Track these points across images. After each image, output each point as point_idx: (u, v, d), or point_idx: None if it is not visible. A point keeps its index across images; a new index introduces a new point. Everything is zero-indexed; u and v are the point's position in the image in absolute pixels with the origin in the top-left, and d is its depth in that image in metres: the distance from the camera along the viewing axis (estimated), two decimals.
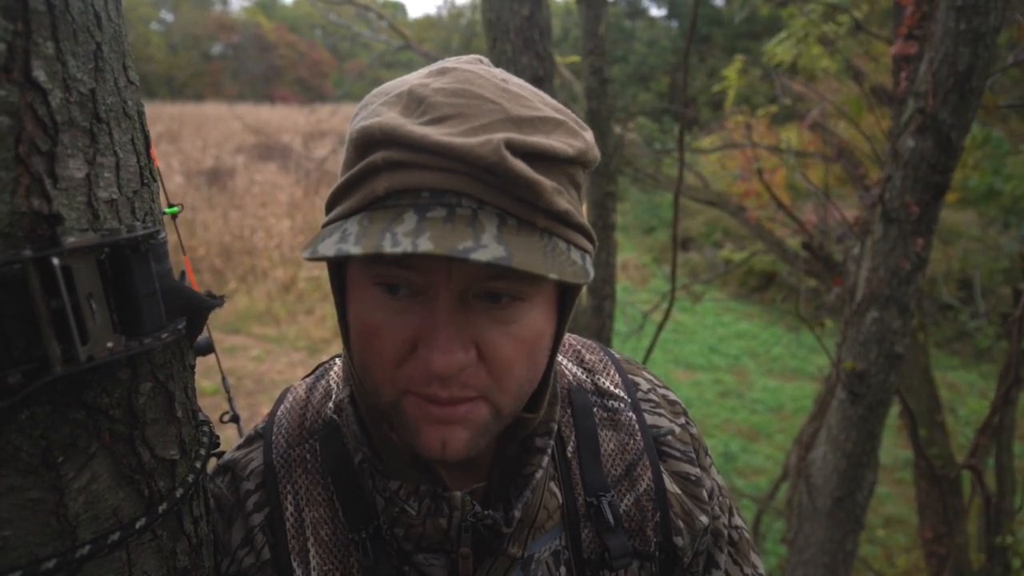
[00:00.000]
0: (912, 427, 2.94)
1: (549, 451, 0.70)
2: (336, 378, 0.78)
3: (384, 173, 0.55)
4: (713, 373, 8.68)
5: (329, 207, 0.61)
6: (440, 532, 0.66)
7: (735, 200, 5.73)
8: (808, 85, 5.33)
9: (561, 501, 0.73)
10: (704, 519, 0.78)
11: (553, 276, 0.52)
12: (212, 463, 0.78)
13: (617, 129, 4.63)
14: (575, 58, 5.54)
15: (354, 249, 0.51)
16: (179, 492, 0.60)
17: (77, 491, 0.52)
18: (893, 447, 6.45)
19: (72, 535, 0.52)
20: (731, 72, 5.42)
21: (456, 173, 0.54)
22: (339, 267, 0.65)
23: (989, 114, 1.98)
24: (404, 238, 0.51)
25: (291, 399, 0.78)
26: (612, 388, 0.81)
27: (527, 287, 0.59)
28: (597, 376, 0.82)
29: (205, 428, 0.68)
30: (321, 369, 0.82)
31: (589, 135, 0.62)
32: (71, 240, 0.48)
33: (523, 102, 0.59)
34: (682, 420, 0.82)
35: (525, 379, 0.62)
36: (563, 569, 0.72)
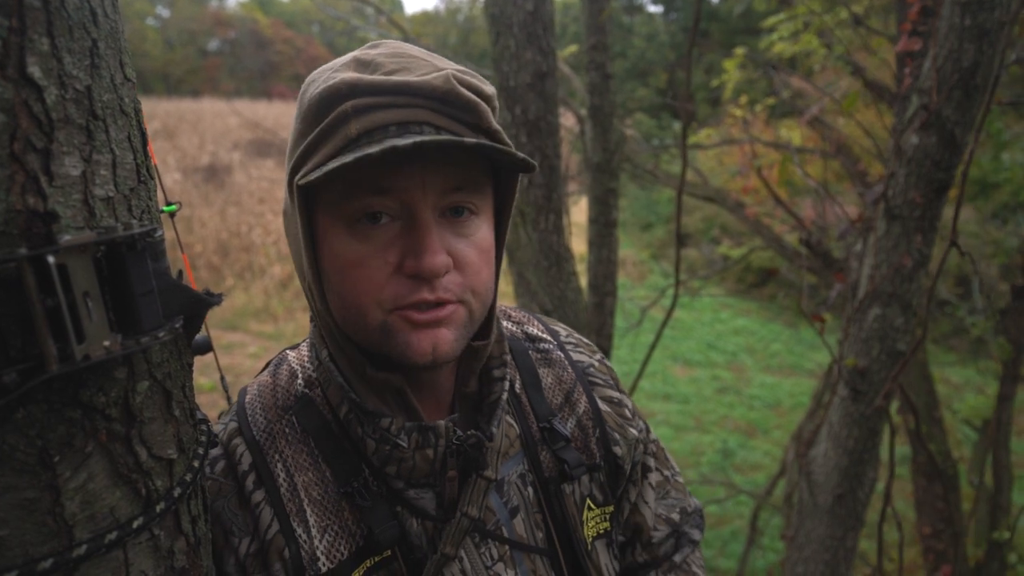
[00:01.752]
0: (915, 423, 2.94)
1: (507, 379, 0.80)
2: (297, 362, 0.85)
3: (353, 118, 0.65)
4: (711, 369, 8.69)
5: (299, 163, 0.68)
6: (428, 463, 0.74)
7: (734, 196, 5.72)
8: (807, 80, 5.32)
9: (519, 430, 0.83)
10: (634, 431, 0.92)
11: (514, 152, 0.64)
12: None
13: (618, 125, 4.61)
14: (573, 48, 5.52)
15: (372, 150, 0.60)
16: (177, 491, 0.60)
17: (73, 490, 0.52)
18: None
19: (69, 535, 0.52)
20: (731, 65, 5.40)
21: (415, 107, 0.66)
22: (309, 224, 0.71)
23: (990, 111, 1.97)
24: (407, 138, 0.61)
25: (256, 387, 0.83)
26: (540, 333, 0.95)
27: (479, 199, 0.71)
28: (525, 326, 0.95)
29: (203, 427, 0.67)
30: (277, 359, 0.87)
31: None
32: (67, 238, 0.48)
33: (444, 62, 0.71)
34: (598, 356, 0.97)
35: (487, 286, 0.74)
36: (530, 489, 0.82)
